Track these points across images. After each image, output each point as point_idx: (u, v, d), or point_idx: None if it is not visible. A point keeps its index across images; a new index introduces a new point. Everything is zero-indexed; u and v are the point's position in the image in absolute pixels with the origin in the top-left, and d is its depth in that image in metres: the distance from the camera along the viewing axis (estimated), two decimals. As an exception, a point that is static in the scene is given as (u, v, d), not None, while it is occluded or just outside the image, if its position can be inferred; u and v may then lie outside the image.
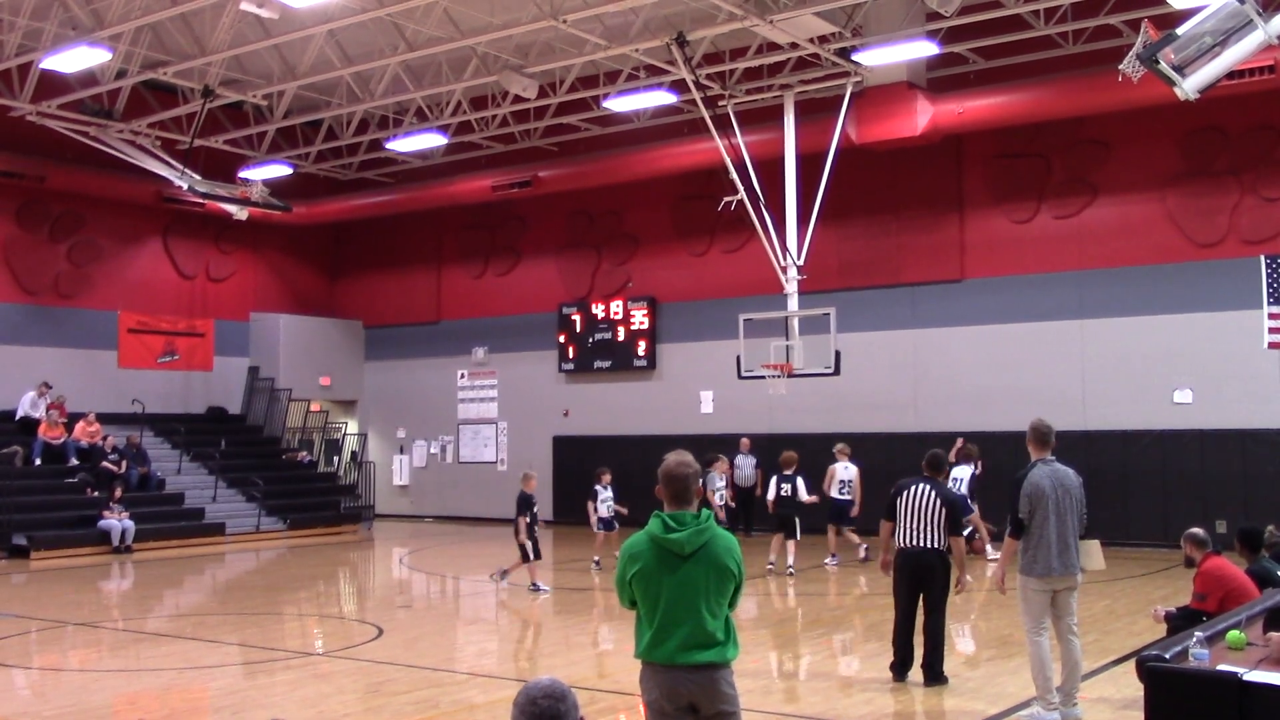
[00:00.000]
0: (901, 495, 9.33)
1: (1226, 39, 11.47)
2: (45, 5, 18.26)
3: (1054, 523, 7.92)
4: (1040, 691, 8.01)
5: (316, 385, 28.22)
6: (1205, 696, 5.05)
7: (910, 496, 9.28)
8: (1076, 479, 8.17)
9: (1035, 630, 8.03)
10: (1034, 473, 8.07)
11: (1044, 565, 7.93)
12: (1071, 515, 8.00)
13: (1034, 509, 7.96)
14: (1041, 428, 8.22)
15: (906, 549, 9.25)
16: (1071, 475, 8.16)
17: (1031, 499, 7.97)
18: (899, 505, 9.31)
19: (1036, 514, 7.95)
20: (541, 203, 25.79)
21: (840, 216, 21.14)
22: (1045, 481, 7.99)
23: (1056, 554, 7.91)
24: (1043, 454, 8.16)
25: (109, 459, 22.43)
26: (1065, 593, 8.05)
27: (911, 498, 9.27)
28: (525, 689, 3.21)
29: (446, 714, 8.86)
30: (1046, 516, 7.92)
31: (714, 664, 4.93)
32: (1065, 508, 7.97)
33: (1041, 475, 8.03)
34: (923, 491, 9.26)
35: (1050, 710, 7.95)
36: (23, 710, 9.25)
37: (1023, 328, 20.54)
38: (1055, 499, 7.95)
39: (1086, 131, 20.02)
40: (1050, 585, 7.98)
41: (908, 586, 9.32)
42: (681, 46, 17.79)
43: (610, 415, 24.97)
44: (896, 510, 9.32)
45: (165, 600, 16.42)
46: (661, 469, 5.11)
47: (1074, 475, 8.18)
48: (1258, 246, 17.90)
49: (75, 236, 24.96)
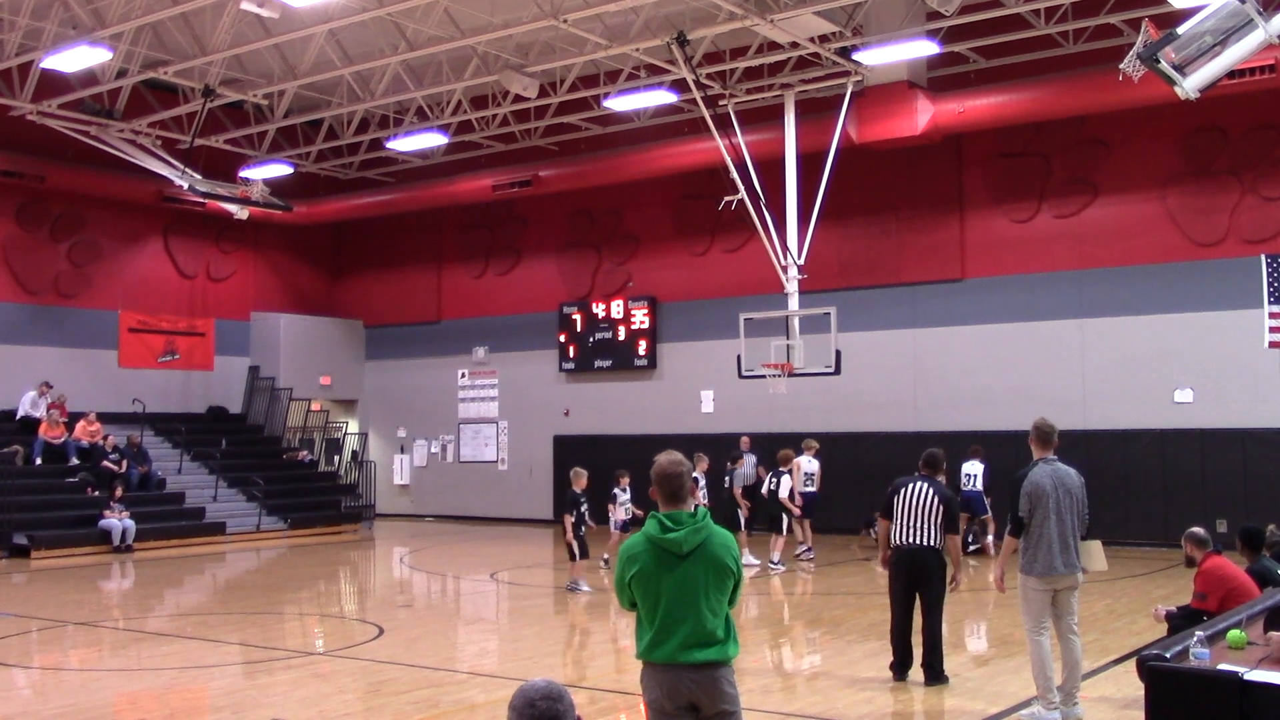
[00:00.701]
0: (899, 493, 9.35)
1: (1227, 38, 11.46)
2: (46, 5, 18.26)
3: (1054, 522, 7.90)
4: (1040, 691, 8.01)
5: (317, 385, 28.23)
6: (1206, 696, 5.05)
7: (907, 495, 9.29)
8: (1078, 479, 8.15)
9: (1035, 630, 8.03)
10: (1035, 472, 8.06)
11: (1044, 564, 7.92)
12: (1072, 515, 7.99)
13: (1034, 508, 7.95)
14: (1044, 427, 8.23)
15: (902, 547, 9.26)
16: (1073, 475, 8.13)
17: (1032, 498, 7.96)
18: (896, 503, 9.32)
19: (1037, 513, 7.94)
20: (542, 202, 25.80)
21: (841, 216, 21.14)
22: (1046, 481, 7.97)
23: (1058, 553, 7.90)
24: (1045, 453, 8.16)
25: (109, 458, 22.44)
26: (1066, 592, 8.05)
27: (908, 496, 9.28)
28: (522, 691, 3.20)
29: (447, 713, 8.86)
30: (1047, 515, 7.91)
31: (715, 662, 4.93)
32: (1066, 507, 7.96)
33: (1043, 474, 8.01)
34: (920, 489, 9.28)
35: (1051, 710, 7.94)
36: (23, 710, 9.26)
37: (1023, 327, 20.54)
38: (1056, 498, 7.93)
39: (1087, 131, 20.02)
40: (1051, 585, 7.98)
41: (903, 585, 9.34)
42: (682, 46, 17.79)
43: (611, 415, 24.97)
44: (894, 508, 9.33)
45: (166, 600, 16.42)
46: (654, 470, 5.11)
47: (1076, 475, 8.16)
48: (1258, 246, 17.90)
49: (76, 236, 24.97)
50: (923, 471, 9.48)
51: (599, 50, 18.62)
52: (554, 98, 21.47)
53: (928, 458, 9.57)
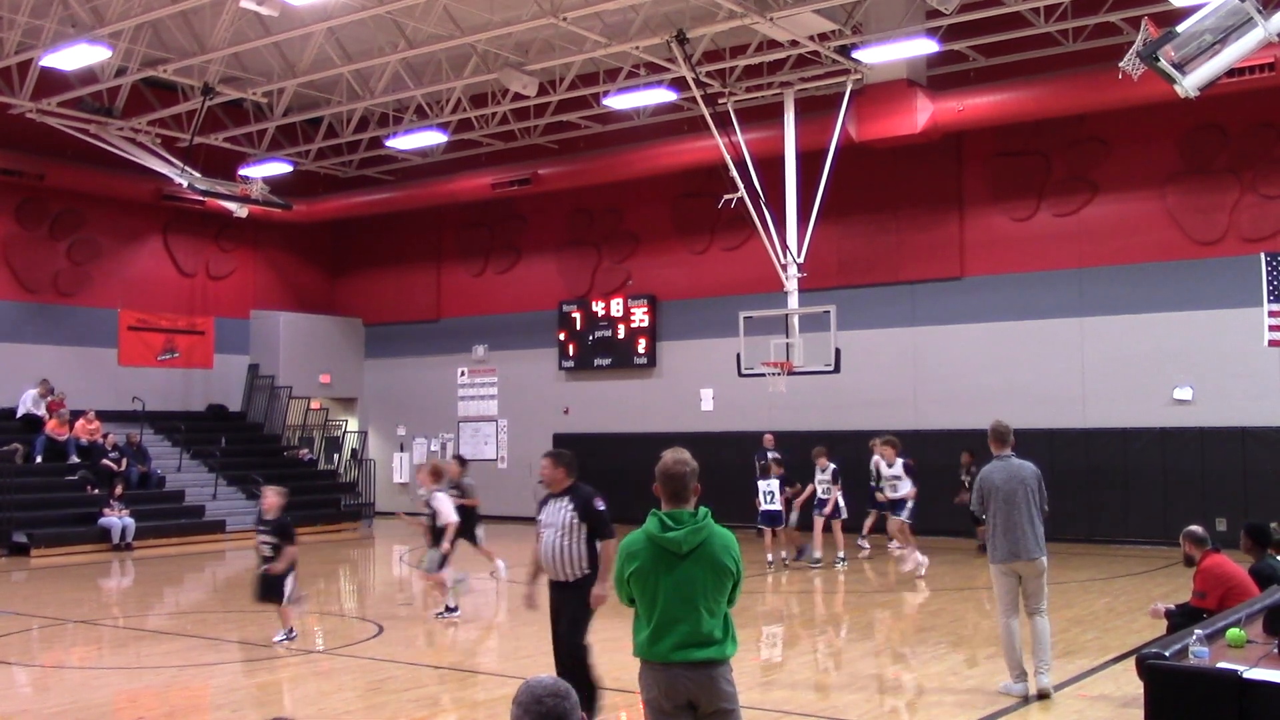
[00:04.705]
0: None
1: (1226, 36, 11.47)
2: (45, 3, 18.24)
3: (1007, 512, 8.54)
4: (1009, 666, 8.76)
5: (317, 383, 28.23)
6: (1205, 694, 5.06)
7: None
8: (1033, 470, 8.73)
9: (1004, 612, 8.74)
10: (986, 468, 8.79)
11: (1003, 551, 8.60)
12: (1028, 504, 8.56)
13: (986, 500, 8.65)
14: (999, 428, 8.92)
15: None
16: (1028, 467, 8.72)
17: (983, 492, 8.68)
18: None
19: (990, 505, 8.61)
20: (541, 200, 25.79)
21: (840, 214, 21.13)
22: (997, 476, 8.65)
23: (1014, 540, 8.52)
24: (1002, 450, 8.80)
25: (109, 457, 22.43)
26: (1029, 578, 8.66)
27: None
28: (528, 687, 3.19)
29: (447, 711, 8.87)
30: (999, 507, 8.57)
31: (712, 661, 4.93)
32: (1020, 498, 8.55)
33: (994, 470, 8.71)
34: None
35: (1019, 682, 8.67)
36: (24, 708, 9.26)
37: (1022, 325, 20.54)
38: (1008, 490, 8.55)
39: (1086, 129, 20.01)
40: (1013, 570, 8.61)
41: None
42: (681, 44, 17.79)
43: (610, 413, 24.97)
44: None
45: (165, 598, 16.43)
46: (659, 467, 5.11)
47: (1031, 467, 8.74)
48: (1257, 244, 17.90)
49: (75, 234, 24.96)
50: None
51: (598, 48, 18.62)
52: (553, 96, 21.46)
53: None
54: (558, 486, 7.93)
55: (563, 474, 7.94)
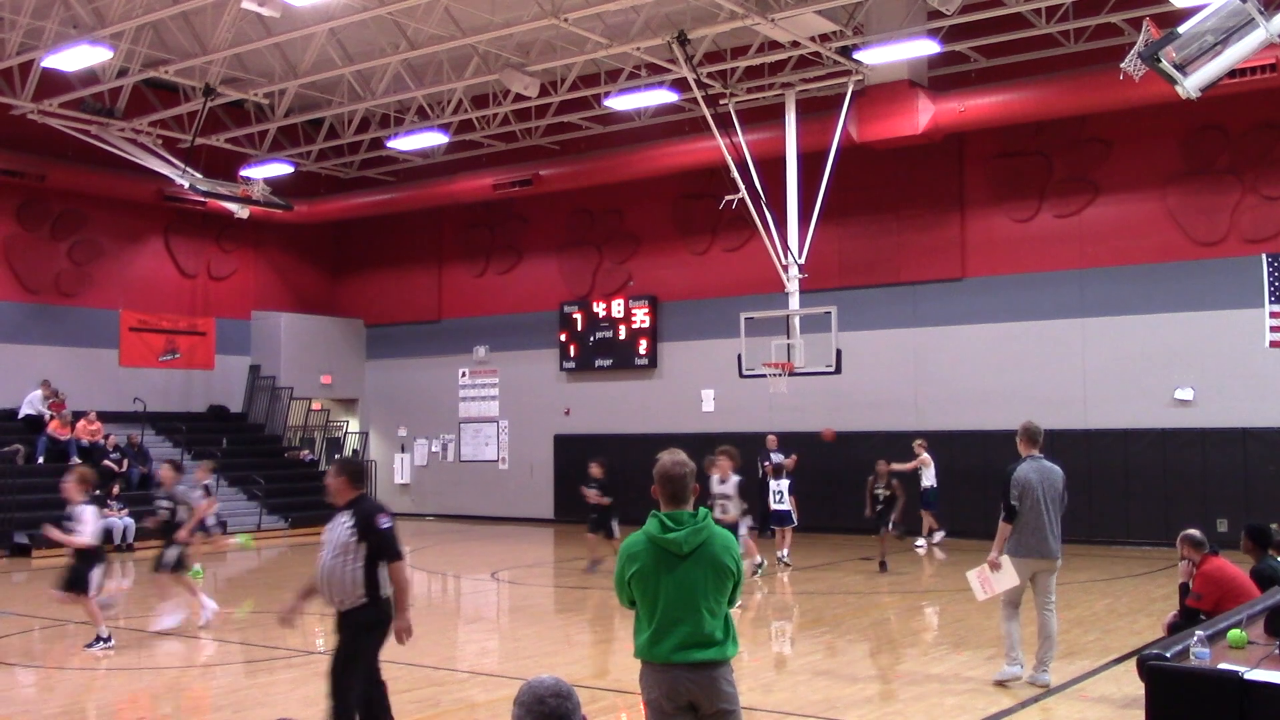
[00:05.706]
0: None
1: (1228, 37, 11.48)
2: (47, 4, 18.26)
3: (1038, 510, 8.91)
4: (1005, 650, 9.22)
5: (318, 384, 28.24)
6: (1206, 695, 5.05)
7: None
8: (1060, 474, 9.17)
9: (1009, 602, 9.15)
10: (1022, 467, 9.05)
11: (1027, 547, 8.95)
12: (1055, 506, 9.02)
13: (1022, 497, 8.93)
14: (1031, 428, 9.27)
15: None
16: (1057, 470, 9.17)
17: (1019, 489, 8.93)
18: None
19: (1025, 501, 8.92)
20: (542, 201, 25.80)
21: (841, 215, 21.14)
22: (1033, 475, 9.00)
23: (1041, 539, 8.92)
24: (1031, 451, 9.16)
25: (110, 457, 22.43)
26: (1044, 574, 9.07)
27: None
28: (530, 687, 3.19)
29: (447, 712, 8.87)
30: (1033, 505, 8.91)
31: (713, 662, 4.93)
32: (1051, 499, 8.99)
33: (1029, 469, 9.03)
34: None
35: (1013, 665, 9.08)
36: (25, 709, 9.27)
37: (1023, 326, 20.54)
38: (1041, 491, 8.95)
39: (1088, 130, 20.01)
40: (1031, 566, 8.98)
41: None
42: (683, 45, 17.80)
43: (611, 414, 24.97)
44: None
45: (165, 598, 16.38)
46: (657, 468, 5.10)
47: (1058, 470, 9.19)
48: (1259, 245, 17.91)
49: (76, 235, 24.97)
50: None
51: (600, 49, 18.62)
52: (554, 97, 21.46)
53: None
54: (341, 499, 6.97)
55: (344, 483, 6.97)
